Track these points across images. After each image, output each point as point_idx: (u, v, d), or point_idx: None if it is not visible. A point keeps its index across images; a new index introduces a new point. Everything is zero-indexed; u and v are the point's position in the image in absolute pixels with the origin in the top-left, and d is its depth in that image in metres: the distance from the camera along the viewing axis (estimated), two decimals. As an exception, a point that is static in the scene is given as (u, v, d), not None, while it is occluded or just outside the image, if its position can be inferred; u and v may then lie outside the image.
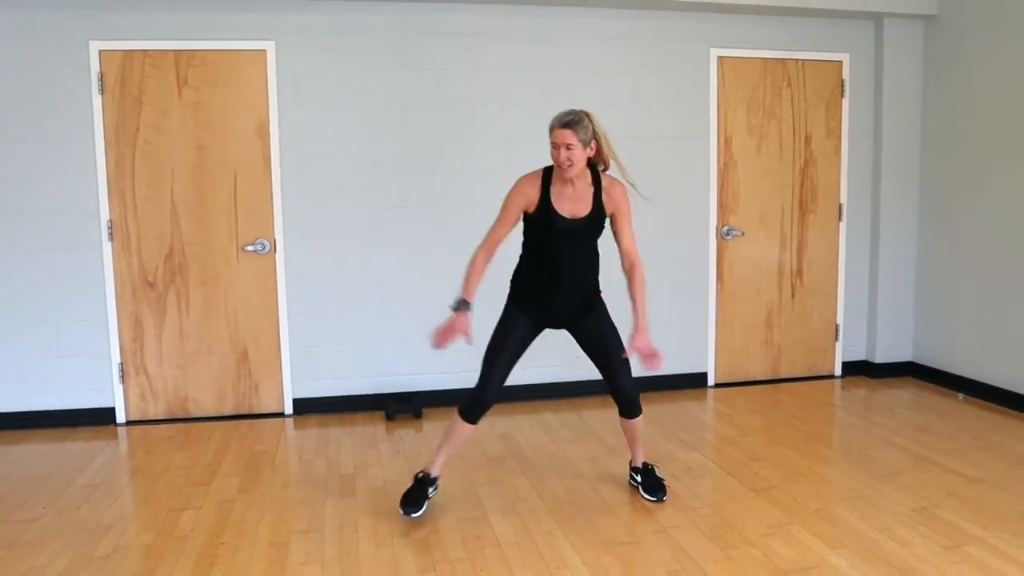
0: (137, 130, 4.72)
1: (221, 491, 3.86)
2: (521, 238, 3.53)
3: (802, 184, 5.53)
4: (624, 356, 3.50)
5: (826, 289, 5.67)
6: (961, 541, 3.22)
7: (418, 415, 4.99)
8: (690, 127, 5.32)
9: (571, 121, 3.23)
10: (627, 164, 5.15)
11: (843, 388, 5.58)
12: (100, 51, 4.64)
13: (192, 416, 4.96)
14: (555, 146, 3.25)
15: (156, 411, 4.93)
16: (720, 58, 5.30)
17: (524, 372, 5.23)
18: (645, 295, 3.47)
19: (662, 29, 5.23)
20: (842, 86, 5.50)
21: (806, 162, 5.52)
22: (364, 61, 4.94)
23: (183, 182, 4.80)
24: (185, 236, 4.83)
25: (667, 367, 5.38)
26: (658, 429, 4.69)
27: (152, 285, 4.83)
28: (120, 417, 4.89)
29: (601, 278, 3.64)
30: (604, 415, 4.98)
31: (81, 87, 4.65)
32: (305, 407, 5.07)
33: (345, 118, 4.95)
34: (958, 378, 5.33)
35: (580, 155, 3.26)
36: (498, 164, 5.14)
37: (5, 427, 4.76)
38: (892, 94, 5.50)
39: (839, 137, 5.54)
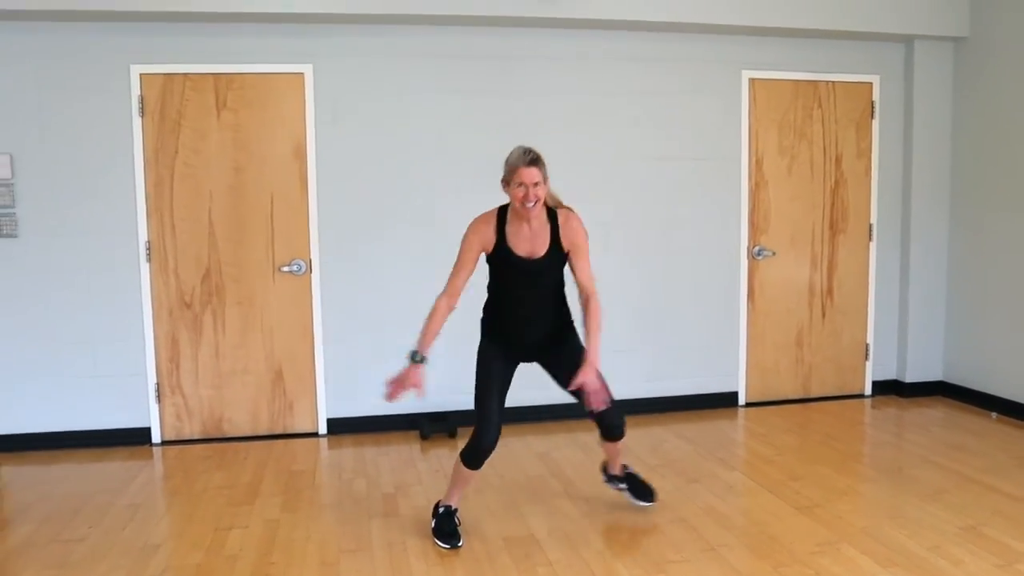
0: (176, 152, 4.77)
1: (265, 511, 3.86)
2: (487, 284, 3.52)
3: (832, 205, 5.56)
4: (572, 390, 3.30)
5: (856, 308, 5.68)
6: (1013, 560, 3.22)
7: (452, 434, 4.99)
8: (722, 148, 5.37)
9: (536, 158, 3.17)
10: (659, 184, 5.28)
11: (873, 407, 5.58)
12: (141, 74, 4.70)
13: (227, 436, 4.96)
14: (520, 185, 3.17)
15: (191, 431, 4.94)
16: (752, 80, 5.35)
17: (558, 392, 5.27)
18: (599, 329, 3.32)
19: (695, 51, 5.28)
20: (872, 107, 5.55)
21: (836, 183, 5.55)
22: (400, 83, 5.00)
23: (220, 203, 4.84)
24: (222, 257, 4.86)
25: (698, 386, 5.51)
26: (695, 448, 4.69)
27: (189, 305, 4.86)
28: (156, 437, 4.90)
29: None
30: (639, 434, 4.98)
31: (122, 110, 4.71)
32: (339, 427, 5.08)
33: (381, 140, 5.00)
34: (990, 397, 5.32)
35: (544, 192, 3.21)
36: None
37: (43, 447, 4.77)
38: (922, 115, 5.54)
39: (869, 158, 5.58)
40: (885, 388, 5.80)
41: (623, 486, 3.83)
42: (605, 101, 5.23)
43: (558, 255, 3.32)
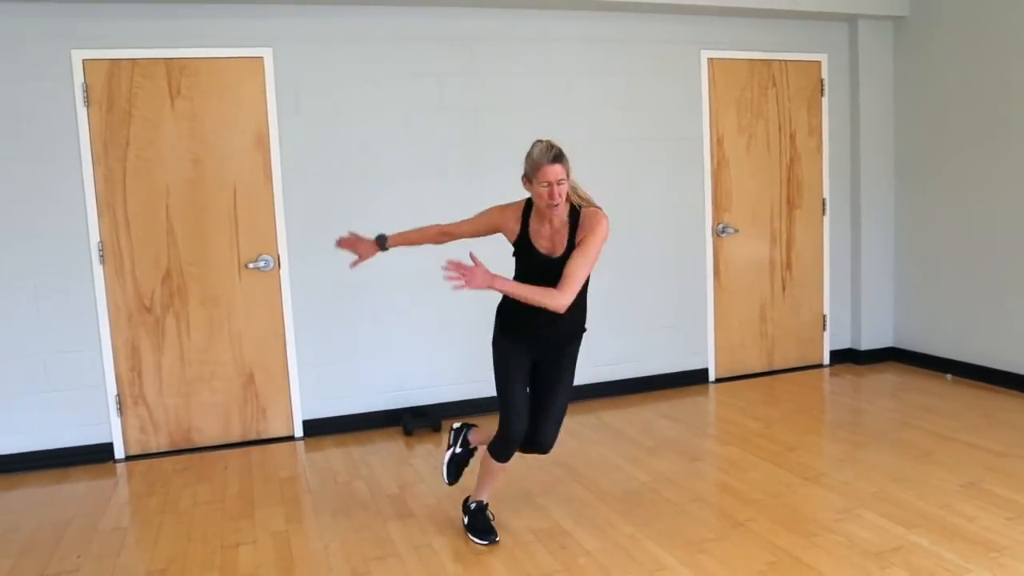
0: (127, 144, 4.40)
1: (268, 523, 3.64)
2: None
3: (788, 181, 5.71)
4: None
5: (813, 281, 5.87)
6: (1020, 512, 3.38)
7: (437, 428, 4.85)
8: (684, 128, 5.41)
9: (559, 154, 3.02)
10: (624, 165, 5.27)
11: (834, 375, 5.78)
12: (84, 60, 4.30)
13: (197, 446, 4.66)
14: (545, 184, 2.99)
15: (158, 444, 4.60)
16: (711, 60, 5.41)
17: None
18: (528, 292, 2.99)
19: (656, 32, 5.30)
20: (822, 85, 5.72)
21: (791, 159, 5.70)
22: (365, 67, 4.78)
23: (179, 198, 4.51)
24: (183, 255, 4.54)
25: (670, 364, 5.56)
26: (683, 427, 4.73)
27: (149, 309, 4.52)
28: (119, 452, 4.54)
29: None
30: (622, 415, 5.00)
31: (64, 99, 4.30)
32: (316, 429, 4.85)
33: (347, 127, 4.78)
34: (939, 359, 5.62)
35: (567, 189, 3.06)
36: (501, 168, 5.06)
37: (-9, 472, 4.36)
38: (867, 92, 5.76)
39: (820, 135, 5.76)
40: (841, 357, 6.03)
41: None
42: (570, 81, 5.17)
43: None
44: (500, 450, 3.30)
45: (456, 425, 3.71)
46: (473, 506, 3.42)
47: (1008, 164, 5.03)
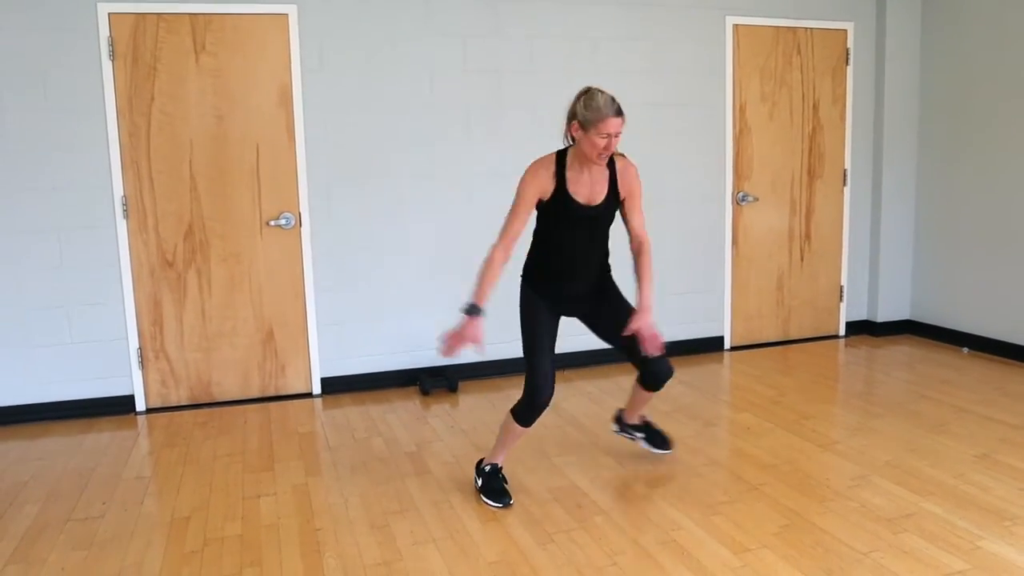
0: (152, 99, 4.41)
1: (288, 476, 3.70)
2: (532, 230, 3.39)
3: (810, 150, 5.67)
4: (625, 335, 3.25)
5: (832, 252, 5.86)
6: (1034, 483, 3.42)
7: (453, 389, 4.90)
8: (707, 94, 5.37)
9: (621, 108, 3.04)
10: (647, 131, 5.25)
11: (850, 346, 5.79)
12: (109, 14, 4.30)
13: (216, 401, 4.72)
14: (602, 135, 3.01)
15: (178, 397, 4.67)
16: (735, 26, 5.36)
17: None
18: (651, 276, 3.34)
19: (681, -4, 5.26)
20: (847, 54, 5.66)
21: (814, 129, 5.66)
22: (389, 26, 4.76)
23: (202, 154, 4.53)
24: (205, 211, 4.57)
25: (685, 331, 5.58)
26: (699, 393, 4.76)
27: (171, 264, 4.56)
28: (140, 405, 4.61)
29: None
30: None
31: (90, 53, 4.31)
32: (333, 386, 4.90)
33: (371, 85, 4.77)
34: (956, 333, 5.62)
35: (617, 143, 3.11)
36: (525, 131, 5.07)
37: (16, 421, 4.43)
38: (893, 62, 5.70)
39: (844, 104, 5.71)
40: (857, 328, 6.03)
41: (640, 435, 3.81)
42: (595, 45, 5.13)
43: (615, 202, 3.26)
44: (525, 415, 3.29)
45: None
46: (487, 468, 3.44)
47: (1034, 138, 4.99)
